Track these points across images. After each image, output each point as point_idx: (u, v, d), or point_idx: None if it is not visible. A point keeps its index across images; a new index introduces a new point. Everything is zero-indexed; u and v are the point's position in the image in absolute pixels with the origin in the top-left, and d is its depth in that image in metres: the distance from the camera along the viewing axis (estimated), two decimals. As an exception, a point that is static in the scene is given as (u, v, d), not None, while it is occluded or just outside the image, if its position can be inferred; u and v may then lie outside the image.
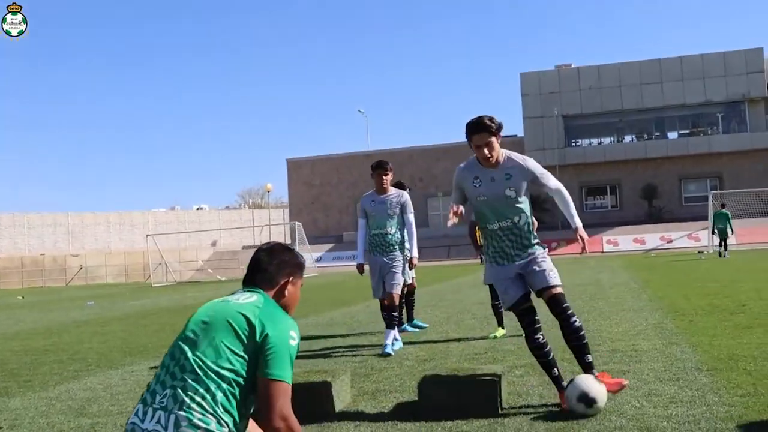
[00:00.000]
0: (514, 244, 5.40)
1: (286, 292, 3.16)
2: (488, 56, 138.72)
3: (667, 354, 7.13)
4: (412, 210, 8.75)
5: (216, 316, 2.93)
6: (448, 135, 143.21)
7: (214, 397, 2.74)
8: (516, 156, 5.47)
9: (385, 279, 8.57)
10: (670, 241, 45.13)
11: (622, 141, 55.29)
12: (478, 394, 5.01)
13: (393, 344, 8.42)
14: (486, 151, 5.28)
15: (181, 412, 2.68)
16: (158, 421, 2.67)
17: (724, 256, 29.38)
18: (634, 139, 55.00)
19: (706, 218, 41.12)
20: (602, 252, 45.27)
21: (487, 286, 9.13)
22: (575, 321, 5.24)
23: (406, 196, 8.74)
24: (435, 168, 56.26)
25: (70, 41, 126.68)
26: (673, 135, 54.69)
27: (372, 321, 12.27)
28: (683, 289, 14.60)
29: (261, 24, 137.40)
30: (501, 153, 5.39)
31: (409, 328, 10.47)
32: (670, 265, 25.45)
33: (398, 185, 10.44)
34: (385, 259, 8.58)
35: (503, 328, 9.29)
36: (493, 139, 5.26)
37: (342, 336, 10.34)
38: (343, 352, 8.79)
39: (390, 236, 8.59)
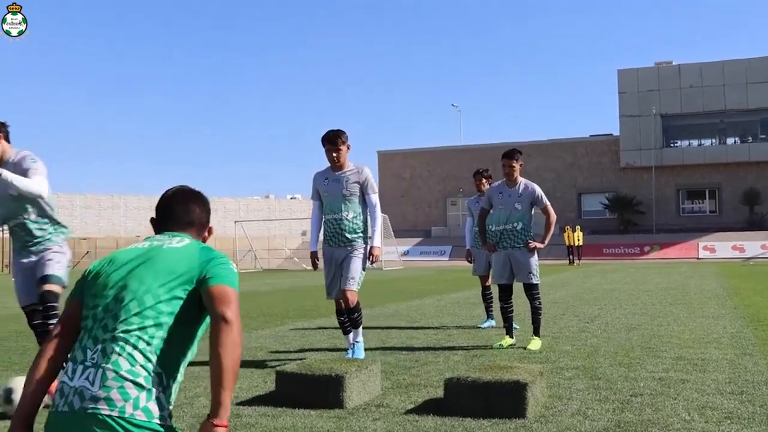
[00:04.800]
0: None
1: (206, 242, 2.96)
2: (585, 52, 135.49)
3: (737, 365, 6.55)
4: (376, 189, 7.13)
5: (151, 261, 2.70)
6: (542, 132, 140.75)
7: (148, 345, 2.51)
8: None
9: (342, 273, 7.01)
10: (772, 250, 42.95)
11: (724, 143, 52.95)
12: (505, 395, 4.62)
13: (354, 348, 6.99)
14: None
15: (109, 365, 2.46)
16: (87, 378, 2.46)
17: None
18: (737, 141, 52.60)
19: (811, 227, 38.96)
20: (698, 258, 43.48)
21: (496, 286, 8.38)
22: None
23: (367, 172, 7.07)
24: (527, 164, 55.00)
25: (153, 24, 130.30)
26: (779, 138, 52.01)
27: (437, 314, 11.94)
28: (774, 299, 13.68)
29: (358, 15, 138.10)
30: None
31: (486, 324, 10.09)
32: (767, 274, 24.09)
33: (484, 172, 10.01)
34: (340, 251, 7.06)
35: (512, 337, 8.18)
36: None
37: (399, 328, 10.04)
38: (394, 342, 8.49)
39: (346, 222, 7.01)
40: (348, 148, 7.07)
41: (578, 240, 40.43)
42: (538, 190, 8.04)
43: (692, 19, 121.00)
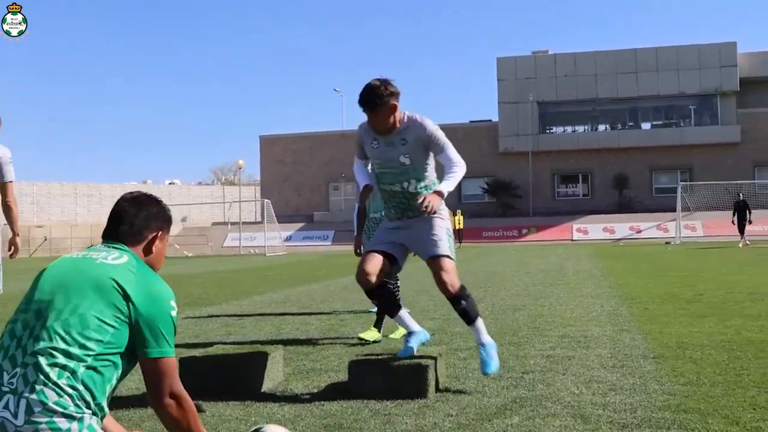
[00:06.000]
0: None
1: (154, 248, 2.85)
2: (465, 40, 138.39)
3: (616, 341, 6.99)
4: None
5: (80, 278, 2.55)
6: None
7: (74, 374, 2.38)
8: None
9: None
10: (639, 231, 45.36)
11: (595, 129, 55.34)
12: (408, 377, 4.80)
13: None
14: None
15: (34, 396, 2.31)
16: (6, 407, 2.30)
17: None
18: (608, 128, 55.10)
19: (675, 209, 41.34)
20: (572, 240, 45.39)
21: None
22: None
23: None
24: (408, 150, 55.92)
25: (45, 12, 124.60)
26: (646, 126, 54.85)
27: (327, 300, 12.06)
28: (644, 278, 14.55)
29: (238, 1, 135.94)
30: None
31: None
32: (636, 255, 25.48)
33: None
34: None
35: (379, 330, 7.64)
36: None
37: (292, 314, 10.12)
38: (289, 329, 8.56)
39: None
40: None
41: (459, 223, 41.48)
42: None
43: (568, 10, 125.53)
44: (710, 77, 51.11)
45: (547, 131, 55.38)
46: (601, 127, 55.39)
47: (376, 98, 4.97)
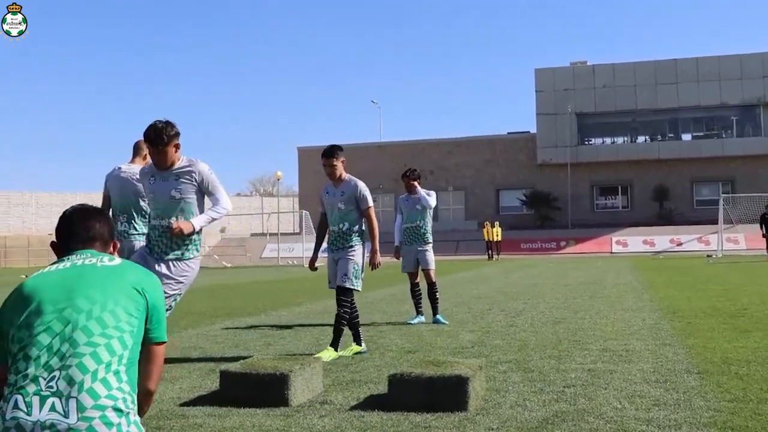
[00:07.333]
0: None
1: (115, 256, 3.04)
2: (503, 51, 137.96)
3: (659, 355, 6.89)
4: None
5: (91, 280, 2.62)
6: (461, 128, 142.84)
7: (118, 367, 2.46)
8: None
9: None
10: (680, 244, 44.71)
11: (635, 141, 54.81)
12: (448, 389, 4.78)
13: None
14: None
15: (84, 393, 2.36)
16: (52, 409, 2.32)
17: None
18: (648, 139, 54.52)
19: (716, 222, 40.71)
20: (611, 252, 44.87)
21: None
22: None
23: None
24: (446, 161, 56.00)
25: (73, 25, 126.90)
26: (686, 137, 54.17)
27: (365, 311, 12.04)
28: (686, 291, 14.32)
29: (276, 11, 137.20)
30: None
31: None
32: (677, 268, 25.11)
33: (410, 174, 10.43)
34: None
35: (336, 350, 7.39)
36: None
37: (331, 325, 10.09)
38: (328, 340, 8.56)
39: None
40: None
41: (497, 235, 41.24)
42: (361, 188, 7.59)
43: (606, 21, 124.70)
44: (753, 87, 50.35)
45: (586, 142, 54.95)
46: (641, 139, 54.84)
47: (163, 135, 5.80)
